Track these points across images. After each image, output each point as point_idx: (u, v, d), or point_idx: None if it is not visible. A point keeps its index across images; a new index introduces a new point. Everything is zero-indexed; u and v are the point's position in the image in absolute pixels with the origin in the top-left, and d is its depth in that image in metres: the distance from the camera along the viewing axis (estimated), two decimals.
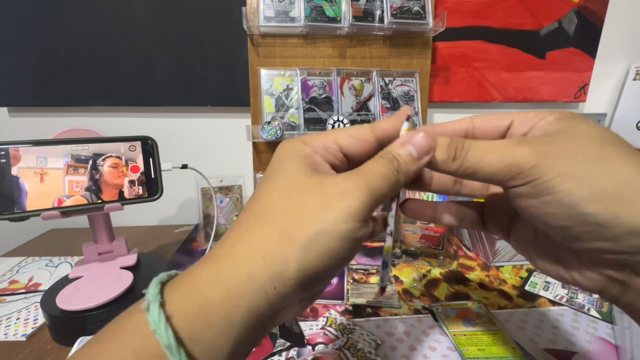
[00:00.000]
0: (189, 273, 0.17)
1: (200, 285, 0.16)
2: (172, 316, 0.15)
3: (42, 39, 0.65)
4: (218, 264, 0.17)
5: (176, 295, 0.16)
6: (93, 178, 0.42)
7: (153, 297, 0.15)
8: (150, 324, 0.14)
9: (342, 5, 0.62)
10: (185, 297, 0.16)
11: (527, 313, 0.41)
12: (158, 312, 0.15)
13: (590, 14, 0.74)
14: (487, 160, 0.18)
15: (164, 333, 0.14)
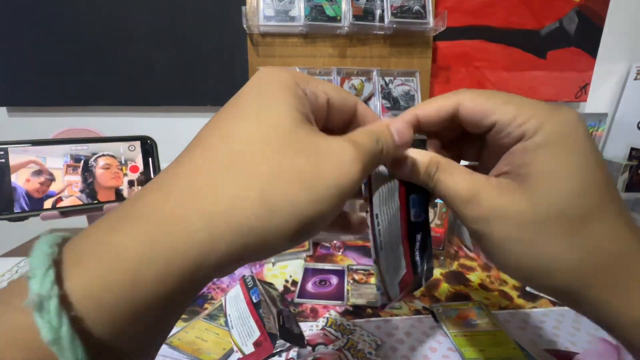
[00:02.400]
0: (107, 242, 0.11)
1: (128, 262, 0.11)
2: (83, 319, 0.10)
3: (41, 39, 0.65)
4: (159, 228, 0.11)
5: (79, 269, 0.10)
6: (86, 180, 0.41)
7: (46, 290, 0.09)
8: (43, 336, 0.09)
9: (342, 4, 0.62)
10: (86, 258, 0.11)
11: (528, 314, 0.41)
12: (57, 307, 0.09)
13: (591, 14, 0.74)
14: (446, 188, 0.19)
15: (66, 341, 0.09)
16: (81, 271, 0.10)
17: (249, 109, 0.14)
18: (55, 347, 0.09)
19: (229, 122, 0.14)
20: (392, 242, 0.21)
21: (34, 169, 0.39)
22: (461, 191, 0.18)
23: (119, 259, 0.11)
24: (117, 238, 0.11)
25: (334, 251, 0.59)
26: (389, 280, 0.22)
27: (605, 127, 0.81)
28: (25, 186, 0.38)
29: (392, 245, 0.21)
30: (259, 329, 0.36)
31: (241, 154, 0.13)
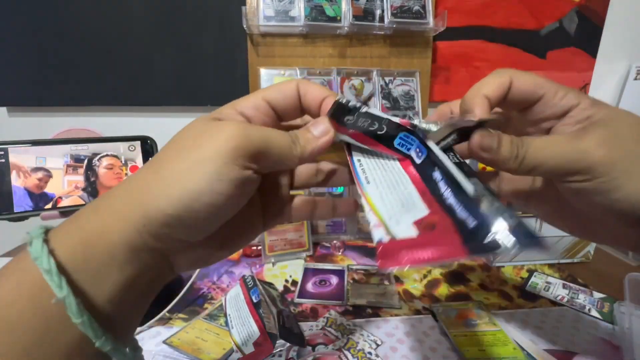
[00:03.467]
0: (74, 215, 0.17)
1: (80, 222, 0.16)
2: (54, 249, 0.15)
3: (41, 39, 0.65)
4: (97, 202, 0.17)
5: (58, 233, 0.16)
6: (89, 179, 0.42)
7: (36, 234, 0.15)
8: (32, 254, 0.15)
9: (342, 4, 0.62)
10: (66, 232, 0.16)
11: (527, 314, 0.41)
12: (41, 245, 0.15)
13: (591, 14, 0.74)
14: (551, 156, 0.19)
15: (45, 260, 0.14)
16: (62, 235, 0.16)
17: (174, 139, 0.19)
18: (47, 275, 0.14)
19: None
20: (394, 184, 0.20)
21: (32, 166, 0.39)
22: (568, 156, 0.18)
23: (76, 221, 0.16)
24: (79, 212, 0.17)
25: (334, 251, 0.59)
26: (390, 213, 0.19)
27: None
28: (23, 183, 0.38)
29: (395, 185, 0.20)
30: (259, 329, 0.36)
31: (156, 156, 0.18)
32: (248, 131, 0.17)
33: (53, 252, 0.15)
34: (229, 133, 0.16)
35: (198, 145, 0.16)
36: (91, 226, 0.16)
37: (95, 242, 0.16)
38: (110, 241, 0.16)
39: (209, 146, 0.16)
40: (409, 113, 0.67)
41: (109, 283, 0.16)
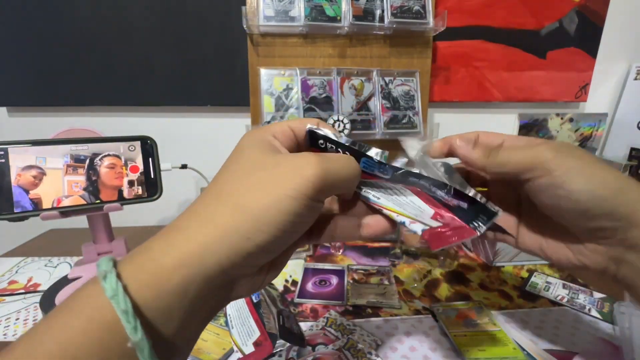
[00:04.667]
0: (143, 246, 0.17)
1: (153, 254, 0.16)
2: (127, 285, 0.15)
3: (41, 39, 0.65)
4: (171, 235, 0.17)
5: (129, 266, 0.16)
6: (90, 178, 0.42)
7: (109, 267, 0.15)
8: (107, 291, 0.14)
9: (342, 4, 0.62)
10: (138, 266, 0.16)
11: (527, 313, 0.41)
12: (115, 281, 0.14)
13: (591, 14, 0.74)
14: (514, 156, 0.23)
15: (121, 299, 0.14)
16: (135, 270, 0.16)
17: (230, 159, 0.20)
18: (114, 300, 0.14)
19: (219, 171, 0.20)
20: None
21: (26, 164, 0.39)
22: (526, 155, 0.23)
23: (149, 254, 0.16)
24: (150, 243, 0.17)
25: (334, 251, 0.59)
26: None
27: (605, 127, 0.81)
28: (18, 182, 0.38)
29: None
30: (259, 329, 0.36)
31: (222, 183, 0.19)
32: (325, 168, 0.18)
33: (126, 288, 0.14)
34: (311, 174, 0.17)
35: (279, 182, 0.17)
36: (167, 260, 0.16)
37: (170, 277, 0.15)
38: (186, 275, 0.15)
39: (292, 185, 0.17)
40: (408, 113, 0.67)
41: (177, 319, 0.15)
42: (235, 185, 0.18)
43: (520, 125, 0.79)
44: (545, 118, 0.79)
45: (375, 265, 0.54)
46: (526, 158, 0.23)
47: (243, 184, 0.18)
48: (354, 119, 0.64)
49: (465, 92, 0.76)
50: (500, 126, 0.81)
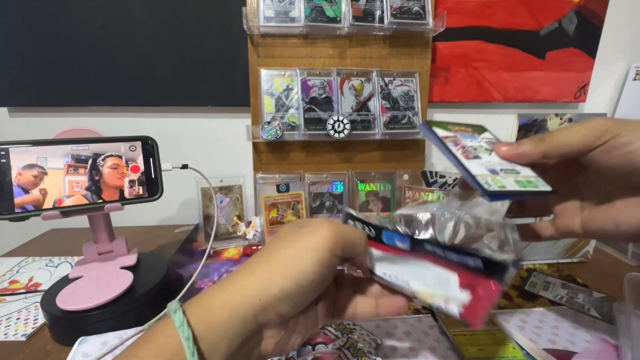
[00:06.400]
0: (205, 291, 0.22)
1: (208, 297, 0.21)
2: (189, 318, 0.20)
3: (42, 39, 0.65)
4: (224, 283, 0.22)
5: (192, 304, 0.21)
6: (93, 178, 0.42)
7: (177, 306, 0.20)
8: (176, 322, 0.19)
9: (342, 5, 0.62)
10: (197, 305, 0.21)
11: (527, 313, 0.41)
12: (182, 314, 0.19)
13: (590, 14, 0.74)
14: (570, 135, 0.25)
15: (185, 328, 0.18)
16: (194, 307, 0.21)
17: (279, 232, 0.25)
18: (180, 329, 0.18)
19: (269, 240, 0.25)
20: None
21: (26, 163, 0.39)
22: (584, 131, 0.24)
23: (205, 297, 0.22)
24: (209, 289, 0.22)
25: None
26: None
27: None
28: (18, 182, 0.38)
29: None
30: None
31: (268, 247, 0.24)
32: (338, 228, 0.23)
33: (188, 321, 0.19)
34: (326, 230, 0.22)
35: (302, 238, 0.22)
36: (216, 301, 0.21)
37: (218, 313, 0.20)
38: (229, 314, 0.20)
39: (312, 239, 0.22)
40: (408, 113, 0.67)
41: (221, 352, 0.19)
42: (274, 246, 0.23)
43: (520, 125, 0.80)
44: (545, 118, 0.80)
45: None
46: (588, 130, 0.24)
47: (279, 245, 0.23)
48: (354, 119, 0.64)
49: (465, 92, 0.76)
50: (500, 126, 0.81)
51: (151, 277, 0.44)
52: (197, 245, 0.63)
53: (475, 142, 0.29)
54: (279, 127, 0.61)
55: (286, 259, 0.22)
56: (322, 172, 0.67)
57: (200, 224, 0.62)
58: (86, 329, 0.37)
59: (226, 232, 0.64)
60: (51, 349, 0.37)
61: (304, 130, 0.63)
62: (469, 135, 0.29)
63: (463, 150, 0.27)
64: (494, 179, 0.25)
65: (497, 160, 0.27)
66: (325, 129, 0.63)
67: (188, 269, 0.54)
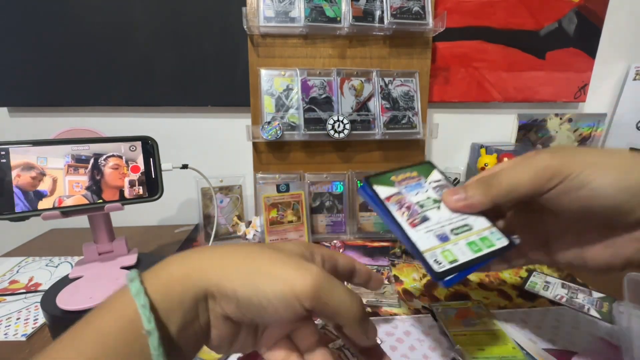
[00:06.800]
0: (166, 259, 0.21)
1: (169, 266, 0.21)
2: (146, 287, 0.19)
3: (42, 39, 0.65)
4: (189, 254, 0.21)
5: (150, 274, 0.20)
6: (94, 178, 0.42)
7: (135, 275, 0.19)
8: (132, 291, 0.18)
9: (342, 5, 0.62)
10: (155, 275, 0.20)
11: (527, 313, 0.41)
12: (138, 283, 0.18)
13: (590, 14, 0.74)
14: (518, 178, 0.22)
15: (142, 297, 0.18)
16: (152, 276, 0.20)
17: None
18: (136, 297, 0.18)
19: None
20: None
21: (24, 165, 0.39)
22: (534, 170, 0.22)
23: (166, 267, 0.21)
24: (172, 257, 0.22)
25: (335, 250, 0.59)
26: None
27: (604, 128, 0.82)
28: (18, 182, 0.38)
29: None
30: None
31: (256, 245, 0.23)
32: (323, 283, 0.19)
33: (146, 290, 0.18)
34: (307, 279, 0.19)
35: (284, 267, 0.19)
36: (177, 274, 0.20)
37: (174, 285, 0.19)
38: (185, 289, 0.19)
39: (291, 278, 0.19)
40: (408, 113, 0.67)
41: (176, 322, 0.19)
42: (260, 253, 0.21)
43: (520, 125, 0.80)
44: (545, 118, 0.80)
45: (374, 265, 0.54)
46: (535, 172, 0.21)
47: (263, 256, 0.20)
48: (354, 119, 0.64)
49: (465, 92, 0.76)
50: (500, 126, 0.81)
51: None
52: (197, 245, 0.63)
53: (422, 193, 0.27)
54: (279, 127, 0.61)
55: (255, 273, 0.19)
56: (322, 172, 0.67)
57: (200, 224, 0.62)
58: None
59: (226, 232, 0.64)
60: None
61: (304, 130, 0.63)
62: (414, 185, 0.27)
63: (408, 214, 0.25)
64: (444, 252, 0.23)
65: (446, 217, 0.25)
66: (325, 129, 0.63)
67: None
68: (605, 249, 0.22)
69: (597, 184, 0.20)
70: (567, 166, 0.21)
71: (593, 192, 0.20)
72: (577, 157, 0.21)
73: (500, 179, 0.23)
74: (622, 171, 0.20)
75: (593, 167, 0.20)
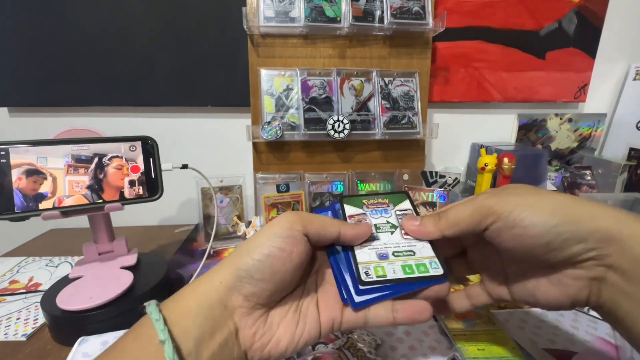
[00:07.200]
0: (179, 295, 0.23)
1: (181, 290, 0.23)
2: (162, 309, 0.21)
3: (42, 39, 0.65)
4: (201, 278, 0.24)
5: (166, 300, 0.23)
6: (96, 177, 0.42)
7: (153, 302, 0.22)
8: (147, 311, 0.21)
9: (342, 5, 0.62)
10: (170, 299, 0.23)
11: (527, 313, 0.41)
12: (154, 306, 0.21)
13: (590, 14, 0.74)
14: (461, 212, 0.25)
15: (155, 312, 0.21)
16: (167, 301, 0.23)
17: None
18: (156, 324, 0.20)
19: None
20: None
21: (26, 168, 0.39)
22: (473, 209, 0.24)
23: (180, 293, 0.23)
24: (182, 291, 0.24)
25: None
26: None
27: (604, 128, 0.82)
28: (17, 185, 0.38)
29: None
30: None
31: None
32: (301, 214, 0.25)
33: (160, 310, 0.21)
34: (288, 213, 0.25)
35: (270, 224, 0.24)
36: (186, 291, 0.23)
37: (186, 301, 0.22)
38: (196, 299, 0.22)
39: (273, 222, 0.24)
40: (408, 113, 0.67)
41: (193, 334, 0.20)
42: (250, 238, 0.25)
43: (520, 125, 0.80)
44: (545, 118, 0.80)
45: None
46: (473, 210, 0.24)
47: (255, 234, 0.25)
48: (354, 119, 0.64)
49: (465, 92, 0.76)
50: (500, 126, 0.81)
51: (151, 277, 0.44)
52: (197, 245, 0.63)
53: (384, 217, 0.29)
54: (279, 127, 0.61)
55: (247, 242, 0.23)
56: (322, 172, 0.67)
57: (200, 224, 0.62)
58: (86, 329, 0.37)
59: (226, 232, 0.64)
60: (51, 349, 0.37)
61: (304, 130, 0.63)
62: (380, 210, 0.30)
63: None
64: (377, 267, 0.25)
65: (395, 241, 0.27)
66: (325, 129, 0.63)
67: (188, 269, 0.54)
68: (552, 286, 0.24)
69: (526, 223, 0.22)
70: (501, 206, 0.23)
71: (524, 231, 0.22)
72: (510, 198, 0.23)
73: (447, 214, 0.26)
74: (549, 211, 0.21)
75: (523, 207, 0.22)
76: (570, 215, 0.21)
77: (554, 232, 0.21)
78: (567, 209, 0.21)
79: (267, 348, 0.23)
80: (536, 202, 0.22)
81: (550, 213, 0.21)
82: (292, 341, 0.23)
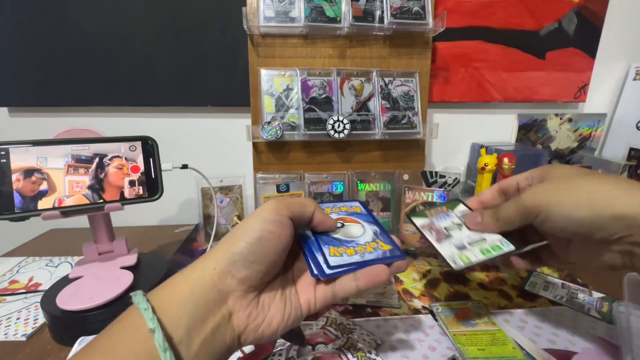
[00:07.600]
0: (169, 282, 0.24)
1: (171, 279, 0.23)
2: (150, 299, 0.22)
3: (42, 39, 0.65)
4: (193, 265, 0.24)
5: (155, 289, 0.23)
6: (97, 177, 0.42)
7: (140, 292, 0.22)
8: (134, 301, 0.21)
9: (342, 5, 0.62)
10: (159, 288, 0.23)
11: (527, 313, 0.41)
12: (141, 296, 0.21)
13: (590, 14, 0.74)
14: (509, 213, 0.31)
15: (143, 302, 0.21)
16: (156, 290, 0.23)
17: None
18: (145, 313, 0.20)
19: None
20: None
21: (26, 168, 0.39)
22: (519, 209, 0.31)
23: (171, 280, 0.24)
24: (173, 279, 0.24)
25: None
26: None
27: (604, 128, 0.82)
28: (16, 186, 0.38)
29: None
30: None
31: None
32: (282, 199, 0.28)
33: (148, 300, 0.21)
34: (272, 200, 0.26)
35: (257, 211, 0.25)
36: (177, 279, 0.23)
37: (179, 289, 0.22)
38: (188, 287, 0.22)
39: (259, 209, 0.25)
40: (408, 113, 0.67)
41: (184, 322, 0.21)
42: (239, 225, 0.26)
43: (520, 125, 0.80)
44: (545, 118, 0.80)
45: None
46: (516, 210, 0.30)
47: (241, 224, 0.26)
48: (354, 119, 0.64)
49: (465, 92, 0.76)
50: (500, 126, 0.81)
51: (151, 277, 0.44)
52: (197, 245, 0.63)
53: (448, 220, 0.36)
54: (279, 127, 0.61)
55: (236, 229, 0.25)
56: (322, 172, 0.67)
57: (200, 224, 0.62)
58: (86, 329, 0.37)
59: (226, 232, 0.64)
60: (51, 349, 0.37)
61: (304, 130, 0.63)
62: (443, 215, 0.37)
63: (437, 234, 0.35)
64: (460, 255, 0.32)
65: (467, 234, 0.34)
66: (325, 129, 0.63)
67: None
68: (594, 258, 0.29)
69: (555, 218, 0.28)
70: (536, 205, 0.29)
71: (555, 224, 0.28)
72: (543, 197, 0.29)
73: (500, 214, 0.32)
74: (572, 207, 0.27)
75: (552, 205, 0.28)
76: (592, 207, 0.26)
77: (575, 224, 0.27)
78: (591, 201, 0.26)
79: (260, 328, 0.24)
80: (565, 199, 0.27)
81: (575, 207, 0.27)
82: (282, 320, 0.25)
